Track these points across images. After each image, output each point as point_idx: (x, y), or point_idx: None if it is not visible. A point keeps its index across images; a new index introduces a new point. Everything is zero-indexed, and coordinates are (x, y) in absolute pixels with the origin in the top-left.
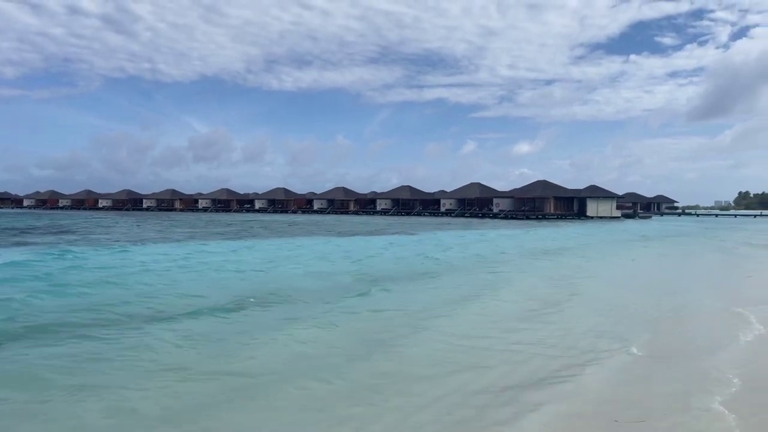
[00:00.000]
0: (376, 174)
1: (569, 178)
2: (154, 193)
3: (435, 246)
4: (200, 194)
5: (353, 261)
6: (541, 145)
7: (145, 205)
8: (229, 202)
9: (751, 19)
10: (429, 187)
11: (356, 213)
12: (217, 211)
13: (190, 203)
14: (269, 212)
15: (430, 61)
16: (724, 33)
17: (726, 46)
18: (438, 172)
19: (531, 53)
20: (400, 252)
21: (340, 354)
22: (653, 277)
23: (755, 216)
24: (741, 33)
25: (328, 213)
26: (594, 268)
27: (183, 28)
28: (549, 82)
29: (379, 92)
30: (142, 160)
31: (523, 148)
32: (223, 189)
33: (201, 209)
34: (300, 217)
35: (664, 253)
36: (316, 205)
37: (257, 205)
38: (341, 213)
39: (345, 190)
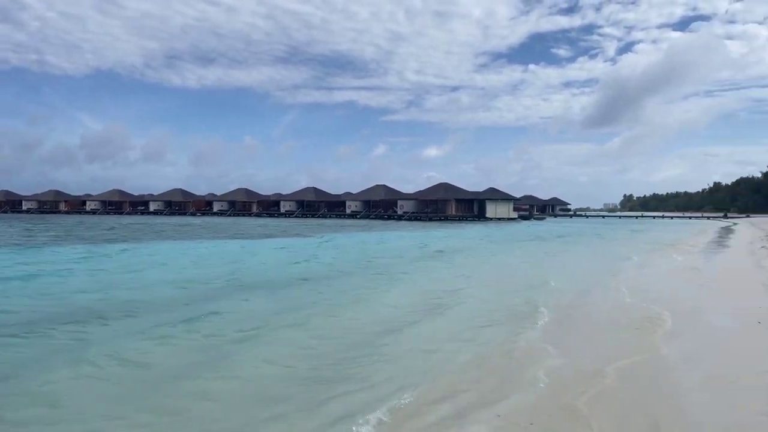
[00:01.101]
0: (285, 176)
1: (474, 181)
2: (35, 194)
3: (331, 249)
4: (89, 195)
5: (229, 267)
6: (448, 149)
7: (25, 207)
8: (121, 204)
9: (636, 35)
10: (340, 189)
11: (259, 215)
12: (107, 213)
13: (76, 205)
14: (165, 214)
15: (339, 63)
16: (611, 47)
17: (613, 60)
18: (348, 175)
19: (438, 60)
20: (288, 256)
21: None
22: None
23: (636, 217)
24: (626, 48)
25: (229, 215)
26: (470, 269)
27: (75, 18)
28: (455, 89)
29: (288, 93)
30: (27, 158)
31: (432, 152)
32: (114, 190)
33: (89, 211)
34: (196, 220)
35: (544, 251)
36: (216, 207)
37: (152, 207)
38: (243, 215)
39: (247, 192)
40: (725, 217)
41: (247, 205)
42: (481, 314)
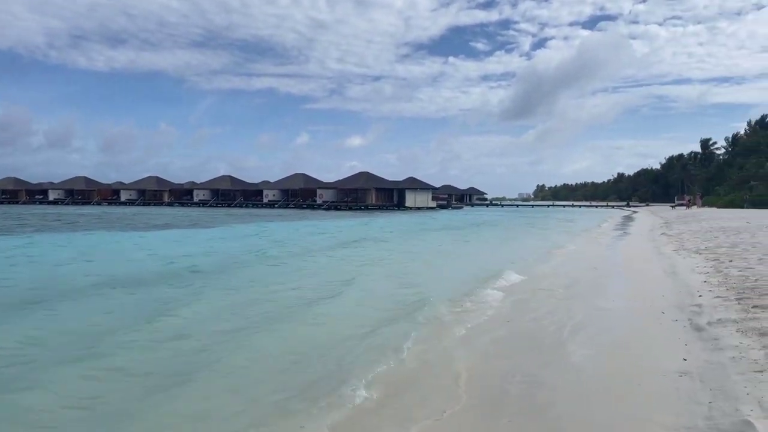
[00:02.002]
0: (202, 164)
1: (396, 171)
2: None
3: (230, 240)
4: None
5: (87, 263)
6: (371, 138)
7: None
8: (16, 193)
9: (549, 32)
10: (261, 178)
11: (171, 205)
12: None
13: None
14: (66, 204)
15: (259, 49)
16: (526, 43)
17: (528, 55)
18: (270, 164)
19: (359, 49)
20: (173, 250)
21: None
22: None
23: (547, 206)
24: (540, 44)
25: (138, 204)
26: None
27: None
28: (377, 78)
29: (205, 78)
30: None
31: (355, 141)
32: (9, 178)
33: None
34: (98, 209)
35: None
36: (124, 197)
37: (52, 196)
38: (154, 204)
39: (158, 180)
40: (627, 205)
41: (158, 194)
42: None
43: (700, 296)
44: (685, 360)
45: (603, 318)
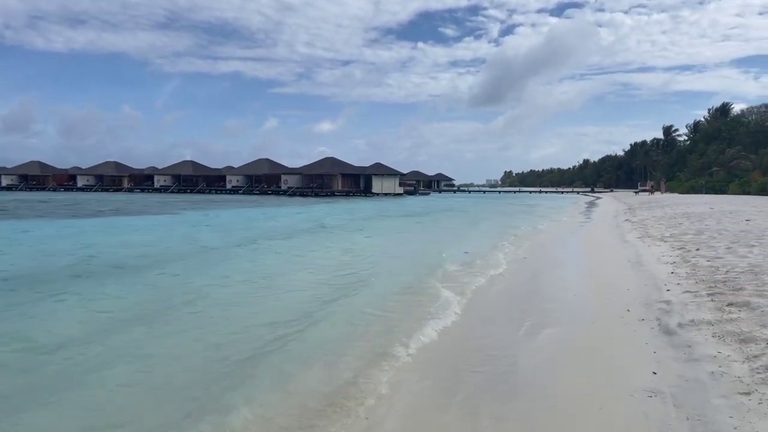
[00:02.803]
0: (168, 149)
1: (365, 156)
2: None
3: (157, 230)
4: None
5: None
6: (341, 124)
7: None
8: None
9: (517, 18)
10: (227, 164)
11: (130, 191)
12: None
13: None
14: (20, 189)
15: (225, 32)
16: (495, 29)
17: (497, 42)
18: (238, 149)
19: (328, 32)
20: (87, 240)
21: None
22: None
23: (514, 192)
24: (508, 30)
25: (96, 190)
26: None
27: None
28: (346, 63)
29: (169, 61)
30: None
31: (324, 126)
32: None
33: None
34: (46, 195)
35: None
36: (81, 182)
37: (5, 181)
38: (113, 190)
39: (117, 165)
40: (592, 191)
41: (116, 179)
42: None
43: (668, 290)
44: (654, 374)
45: (560, 318)
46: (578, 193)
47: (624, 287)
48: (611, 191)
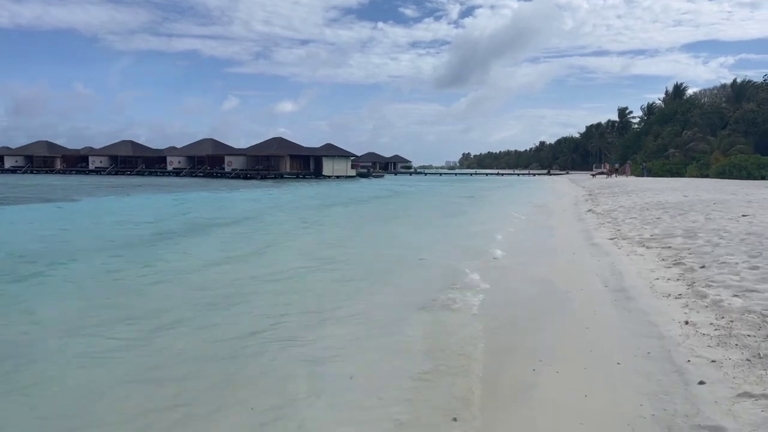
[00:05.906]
0: (123, 129)
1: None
2: None
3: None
4: None
5: None
6: (303, 104)
7: None
8: None
9: (476, 0)
10: (182, 145)
11: (63, 172)
12: None
13: None
14: None
15: (179, 9)
16: (454, 11)
17: (457, 23)
18: (194, 130)
19: (285, 10)
20: None
21: None
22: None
23: (471, 174)
24: (468, 12)
25: (25, 172)
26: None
27: None
28: (304, 42)
29: (121, 38)
30: None
31: (285, 107)
32: None
33: None
34: None
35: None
36: (9, 163)
37: None
38: (45, 172)
39: (49, 145)
40: (548, 173)
41: (48, 160)
42: None
43: (701, 384)
44: None
45: None
46: (534, 175)
47: (611, 380)
48: (567, 173)
